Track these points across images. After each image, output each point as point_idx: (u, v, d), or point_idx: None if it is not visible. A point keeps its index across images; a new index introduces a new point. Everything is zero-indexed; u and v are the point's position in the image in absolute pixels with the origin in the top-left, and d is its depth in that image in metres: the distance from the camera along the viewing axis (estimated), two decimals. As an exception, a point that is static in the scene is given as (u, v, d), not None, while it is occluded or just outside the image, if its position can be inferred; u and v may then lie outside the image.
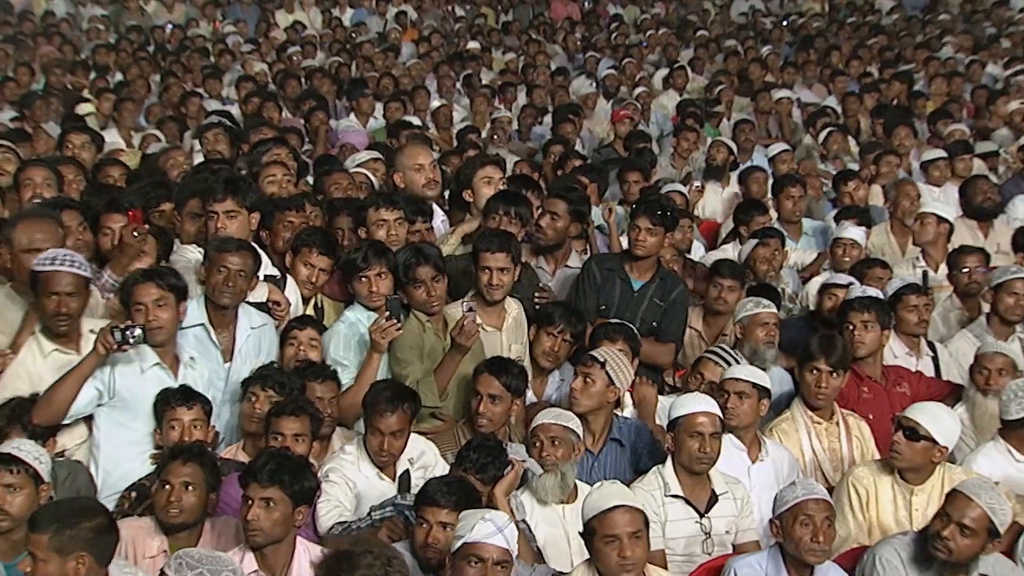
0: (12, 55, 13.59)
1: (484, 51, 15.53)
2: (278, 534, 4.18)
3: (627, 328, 5.81)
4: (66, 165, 6.88)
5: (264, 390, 5.02)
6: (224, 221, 5.56)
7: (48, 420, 4.77)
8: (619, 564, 4.10)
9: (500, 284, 5.62)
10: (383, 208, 6.02)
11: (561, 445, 4.82)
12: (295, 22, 16.56)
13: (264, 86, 12.70)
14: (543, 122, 11.88)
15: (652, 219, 6.14)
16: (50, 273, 4.87)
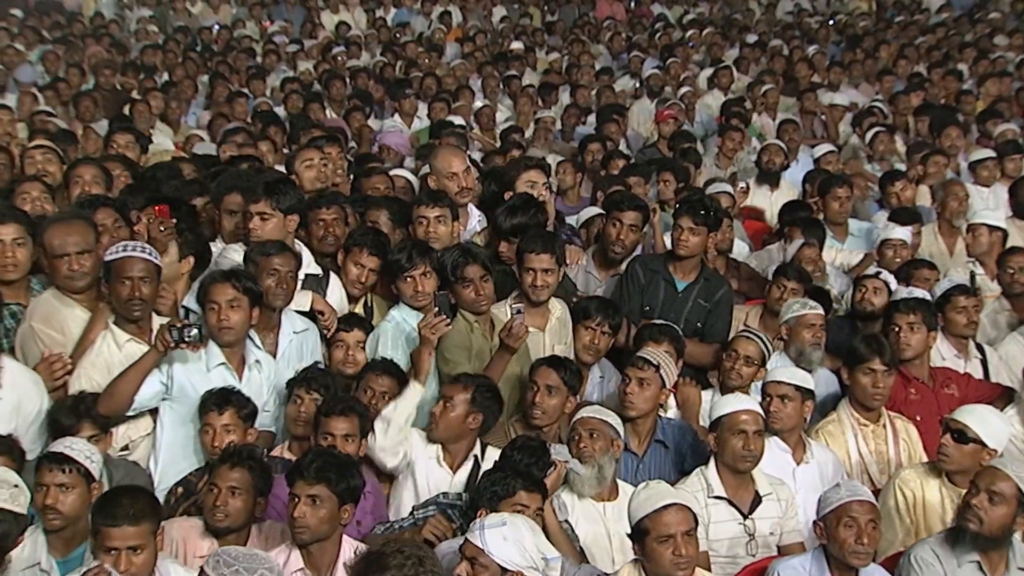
0: (63, 56, 13.76)
1: (528, 51, 15.53)
2: (324, 532, 4.20)
3: (672, 329, 5.80)
4: (113, 163, 6.95)
5: (309, 392, 5.05)
6: (257, 222, 5.60)
7: (112, 411, 4.83)
8: (673, 563, 4.12)
9: (545, 285, 5.62)
10: (425, 205, 6.03)
11: (599, 438, 4.83)
12: (340, 22, 16.67)
13: (309, 86, 12.77)
14: (587, 122, 11.86)
15: (695, 219, 6.12)
16: (122, 259, 4.95)
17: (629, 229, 6.49)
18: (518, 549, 3.86)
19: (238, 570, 3.66)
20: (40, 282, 5.39)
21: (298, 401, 5.06)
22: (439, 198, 6.11)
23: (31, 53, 14.05)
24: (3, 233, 5.18)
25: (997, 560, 4.43)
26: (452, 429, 4.96)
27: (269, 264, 5.23)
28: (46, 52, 13.98)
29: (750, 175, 9.63)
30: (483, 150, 9.93)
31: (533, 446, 4.75)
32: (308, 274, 5.71)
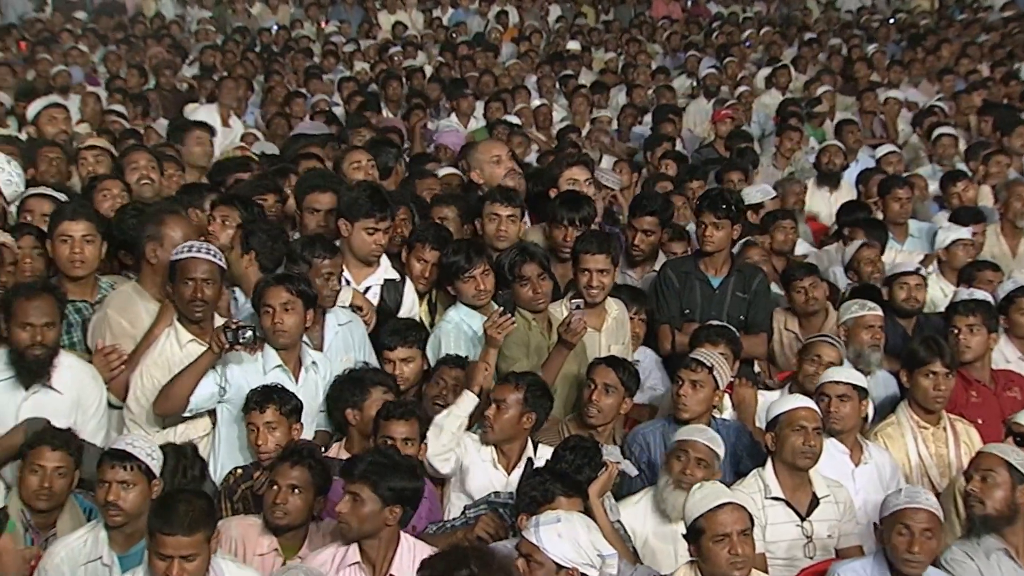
0: (124, 57, 13.96)
1: (584, 51, 15.52)
2: (366, 530, 4.21)
3: (729, 331, 5.79)
4: (168, 161, 7.05)
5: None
6: (381, 237, 5.61)
7: (167, 412, 4.90)
8: (730, 563, 4.10)
9: (601, 286, 5.63)
10: (499, 202, 6.03)
11: (704, 468, 4.74)
12: (397, 22, 16.77)
13: (366, 86, 12.86)
14: (643, 122, 11.83)
15: (716, 213, 6.13)
16: (187, 260, 5.00)
17: (644, 234, 6.55)
18: (573, 546, 3.87)
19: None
20: (109, 282, 5.48)
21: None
22: (512, 197, 6.12)
23: (94, 54, 14.27)
24: (73, 230, 5.27)
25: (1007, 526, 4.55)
26: (506, 431, 4.97)
27: (322, 267, 5.26)
28: (108, 53, 14.21)
29: (808, 175, 9.56)
30: (539, 150, 9.93)
31: (586, 446, 4.74)
32: (386, 279, 5.74)
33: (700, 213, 6.21)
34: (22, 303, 4.79)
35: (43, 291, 4.88)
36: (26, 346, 4.79)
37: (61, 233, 5.26)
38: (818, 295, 6.40)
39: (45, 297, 4.84)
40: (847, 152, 9.84)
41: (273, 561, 4.40)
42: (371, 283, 5.73)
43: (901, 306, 6.49)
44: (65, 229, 5.26)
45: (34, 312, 4.78)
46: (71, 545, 4.34)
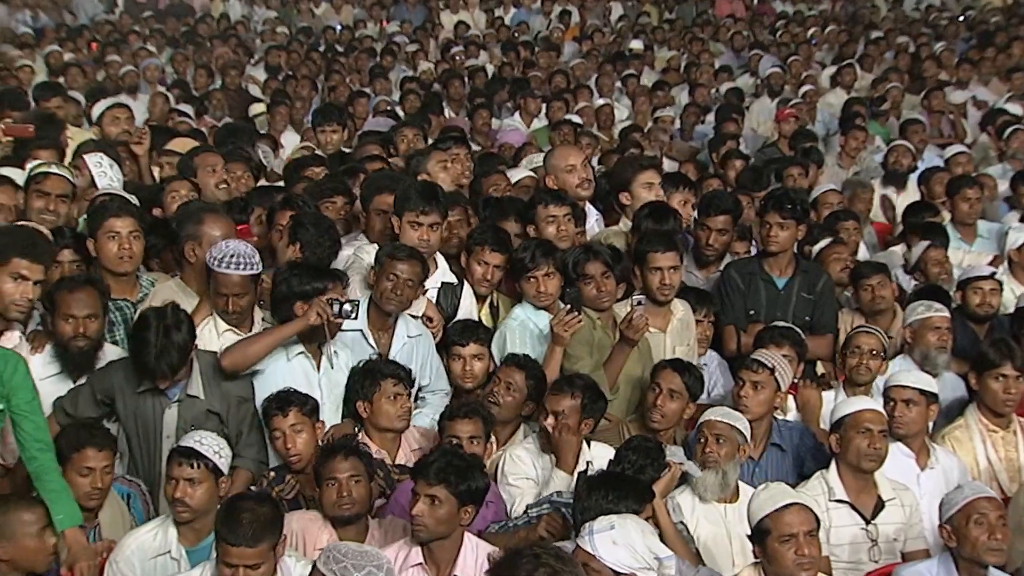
0: (191, 57, 14.15)
1: (646, 50, 15.48)
2: (442, 531, 4.23)
3: (794, 332, 5.76)
4: (235, 162, 7.15)
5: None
6: (427, 233, 5.60)
7: (237, 367, 4.96)
8: (796, 563, 4.08)
9: (671, 284, 5.63)
10: (552, 204, 6.03)
11: (725, 443, 4.79)
12: (459, 22, 16.82)
13: (429, 86, 12.92)
14: (705, 121, 11.78)
15: (782, 213, 6.10)
16: (224, 275, 5.08)
17: (718, 233, 6.47)
18: (629, 551, 3.85)
19: (347, 566, 3.69)
20: (150, 280, 5.56)
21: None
22: (563, 197, 6.11)
23: (161, 55, 14.49)
24: (120, 226, 5.35)
25: None
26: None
27: (391, 268, 5.27)
28: (175, 53, 14.41)
29: (874, 175, 9.46)
30: (602, 149, 9.93)
31: (648, 447, 4.73)
32: (444, 282, 5.75)
33: (765, 213, 6.18)
34: (64, 296, 4.89)
35: (85, 283, 4.98)
36: (69, 338, 4.89)
37: (108, 230, 5.34)
38: (886, 294, 6.34)
39: (87, 289, 4.94)
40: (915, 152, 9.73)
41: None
42: (428, 286, 5.73)
43: (975, 311, 6.41)
44: (112, 225, 5.34)
45: (76, 304, 4.88)
46: (141, 538, 4.42)
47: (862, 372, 5.64)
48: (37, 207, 5.66)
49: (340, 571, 3.69)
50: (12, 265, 4.69)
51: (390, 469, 4.95)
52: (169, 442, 4.84)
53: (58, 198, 5.70)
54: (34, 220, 5.57)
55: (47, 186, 5.71)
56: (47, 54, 13.41)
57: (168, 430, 4.89)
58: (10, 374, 4.48)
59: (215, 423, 4.92)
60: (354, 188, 6.55)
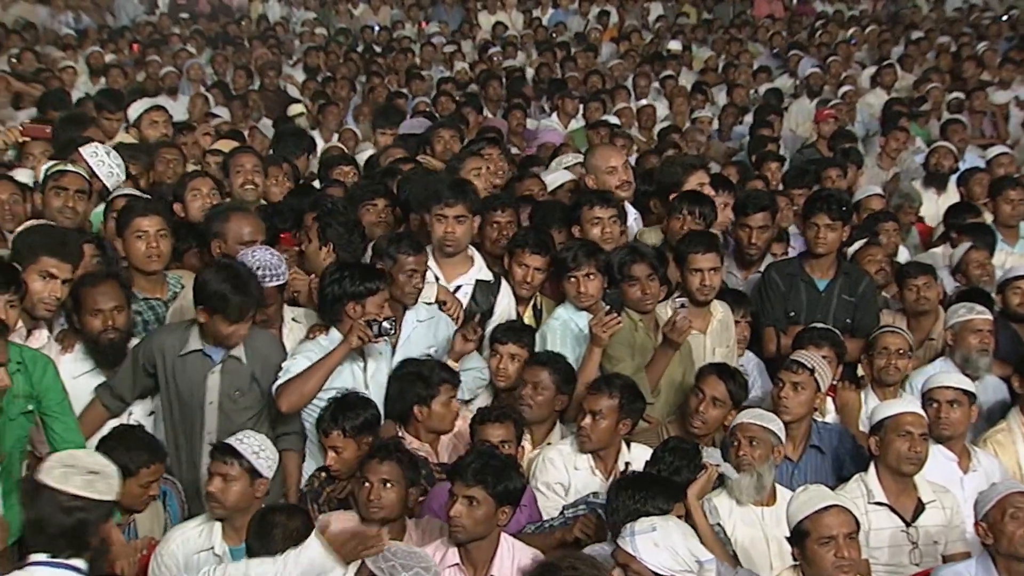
0: (230, 58, 14.25)
1: (685, 50, 15.44)
2: (479, 532, 4.23)
3: (833, 334, 5.72)
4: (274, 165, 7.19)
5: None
6: (453, 225, 5.62)
7: (295, 409, 4.95)
8: (836, 566, 4.05)
9: (711, 285, 5.61)
10: (598, 206, 6.01)
11: (759, 446, 4.77)
12: (497, 23, 16.84)
13: (465, 86, 12.94)
14: (743, 121, 11.73)
15: (830, 215, 6.07)
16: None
17: (759, 231, 6.46)
18: (670, 554, 3.84)
19: (395, 565, 3.74)
20: (176, 277, 5.58)
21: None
22: (609, 198, 6.10)
23: (200, 56, 14.61)
24: (147, 225, 5.37)
25: None
26: (604, 439, 4.97)
27: (407, 263, 5.29)
28: (215, 54, 14.52)
29: (914, 176, 9.38)
30: (639, 150, 9.91)
31: (685, 448, 4.73)
32: (479, 280, 5.75)
33: (812, 214, 6.14)
34: (88, 291, 4.92)
35: (107, 277, 5.02)
36: (99, 331, 4.92)
37: (135, 229, 5.37)
38: (931, 295, 6.29)
39: (109, 282, 4.98)
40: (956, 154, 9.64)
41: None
42: (462, 282, 5.74)
43: (1016, 311, 6.35)
44: (139, 225, 5.37)
45: (101, 298, 4.91)
46: (187, 534, 4.46)
47: (891, 372, 5.62)
48: (56, 205, 5.69)
49: (388, 569, 3.72)
50: (41, 263, 4.76)
51: (433, 468, 4.95)
52: (212, 408, 4.91)
53: (76, 194, 5.73)
54: (54, 218, 5.62)
55: (64, 183, 5.75)
56: (89, 55, 13.57)
57: (211, 395, 4.91)
58: (40, 375, 4.54)
59: (256, 393, 4.95)
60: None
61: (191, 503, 4.94)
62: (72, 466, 3.36)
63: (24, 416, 4.52)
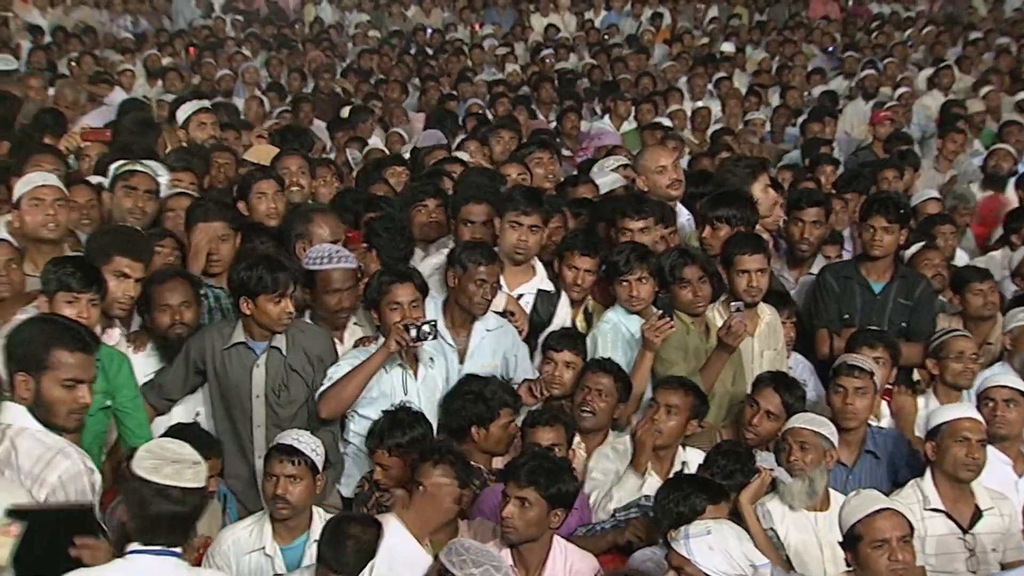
0: (285, 61, 14.37)
1: (738, 52, 15.36)
2: (532, 533, 4.24)
3: (887, 335, 5.67)
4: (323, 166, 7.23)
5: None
6: (527, 234, 5.62)
7: (335, 415, 4.99)
8: (890, 569, 4.01)
9: (759, 286, 5.56)
10: (629, 218, 5.94)
11: (810, 451, 4.73)
12: (549, 25, 16.83)
13: (517, 88, 12.95)
14: (796, 123, 11.66)
15: (888, 217, 6.01)
16: (327, 272, 5.15)
17: (812, 226, 6.42)
18: (725, 557, 3.82)
19: (466, 560, 3.75)
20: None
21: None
22: (642, 209, 6.00)
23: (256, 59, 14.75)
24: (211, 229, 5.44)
25: None
26: (674, 437, 4.97)
27: (476, 272, 5.27)
28: (270, 57, 14.65)
29: (972, 179, 9.27)
30: (691, 152, 9.86)
31: (739, 452, 4.71)
32: (540, 289, 5.74)
33: (869, 216, 6.08)
34: (157, 288, 5.00)
35: (175, 275, 5.09)
36: (168, 327, 4.99)
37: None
38: (995, 300, 6.21)
39: (178, 279, 5.06)
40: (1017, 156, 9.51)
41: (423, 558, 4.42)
42: (524, 291, 5.73)
43: None
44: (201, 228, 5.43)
45: (169, 294, 4.99)
46: (238, 534, 4.51)
47: (967, 376, 5.53)
48: (126, 206, 5.75)
49: (460, 564, 3.74)
50: (114, 263, 4.81)
51: (487, 478, 4.94)
52: (259, 401, 4.95)
53: (145, 194, 5.79)
54: (123, 218, 5.69)
55: (134, 183, 5.81)
56: (146, 58, 13.73)
57: (257, 389, 4.95)
58: (115, 372, 4.62)
59: (298, 384, 4.96)
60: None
61: (244, 498, 4.99)
62: (157, 455, 3.41)
63: (103, 412, 4.58)
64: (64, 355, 3.76)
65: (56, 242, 5.21)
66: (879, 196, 6.46)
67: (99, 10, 16.57)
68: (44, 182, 5.24)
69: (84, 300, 4.46)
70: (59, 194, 5.25)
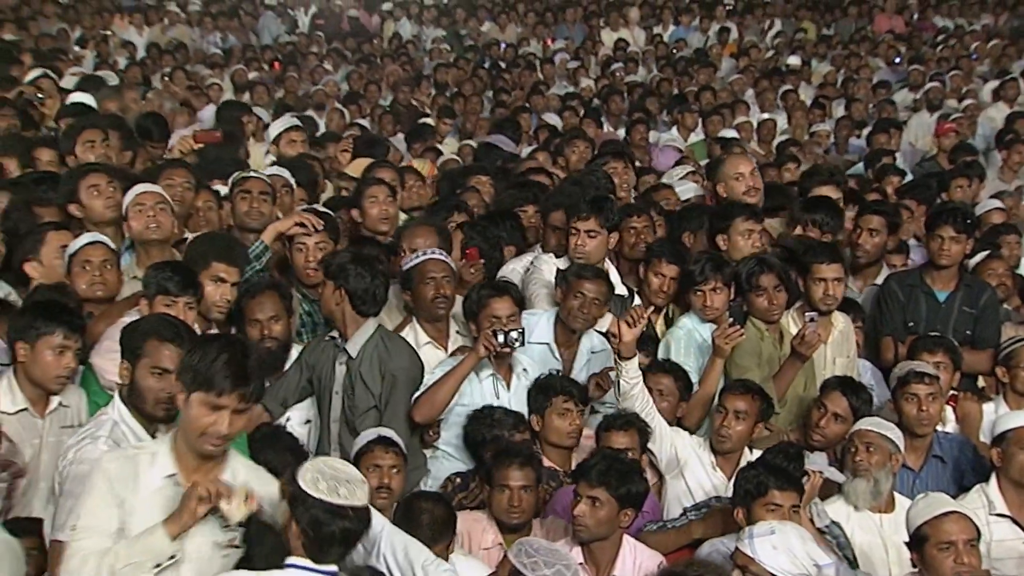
0: (364, 75, 14.52)
1: (803, 65, 15.22)
2: (602, 532, 4.24)
3: (947, 340, 5.62)
4: (409, 173, 7.30)
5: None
6: (585, 239, 5.63)
7: (430, 419, 5.00)
8: (955, 572, 3.98)
9: (835, 295, 5.53)
10: (751, 219, 5.95)
11: (876, 452, 4.70)
12: (619, 39, 16.80)
13: (589, 101, 12.95)
14: (861, 135, 11.53)
15: (956, 227, 5.95)
16: (424, 262, 5.23)
17: (869, 234, 6.37)
18: (788, 557, 3.80)
19: (537, 562, 3.76)
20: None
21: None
22: (758, 212, 6.06)
23: (337, 73, 14.91)
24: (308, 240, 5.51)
25: None
26: (741, 441, 4.96)
27: (578, 286, 5.27)
28: (350, 71, 14.81)
29: (1037, 189, 9.10)
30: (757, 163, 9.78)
31: (790, 452, 4.66)
32: (615, 294, 5.70)
33: (936, 226, 6.01)
34: (248, 302, 5.05)
35: (266, 288, 5.14)
36: (257, 341, 5.01)
37: (298, 243, 5.50)
38: None
39: (268, 294, 5.09)
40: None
41: (498, 555, 4.45)
42: None
43: None
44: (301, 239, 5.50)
45: (259, 309, 5.03)
46: None
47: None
48: (243, 209, 5.87)
49: (531, 565, 3.75)
50: (212, 268, 4.89)
51: (562, 480, 4.93)
52: (338, 397, 5.00)
53: (260, 196, 5.89)
54: (242, 222, 5.83)
55: (248, 187, 5.92)
56: (233, 72, 13.95)
57: (337, 385, 5.01)
58: None
59: (363, 390, 4.95)
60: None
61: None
62: (329, 475, 3.38)
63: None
64: (155, 345, 3.86)
65: (163, 246, 5.30)
66: (947, 206, 6.39)
67: (191, 27, 16.87)
68: (145, 189, 5.35)
69: (181, 303, 4.55)
70: (160, 199, 5.34)
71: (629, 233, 6.01)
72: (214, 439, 3.45)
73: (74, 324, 4.42)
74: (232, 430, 3.46)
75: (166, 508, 3.44)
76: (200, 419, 3.44)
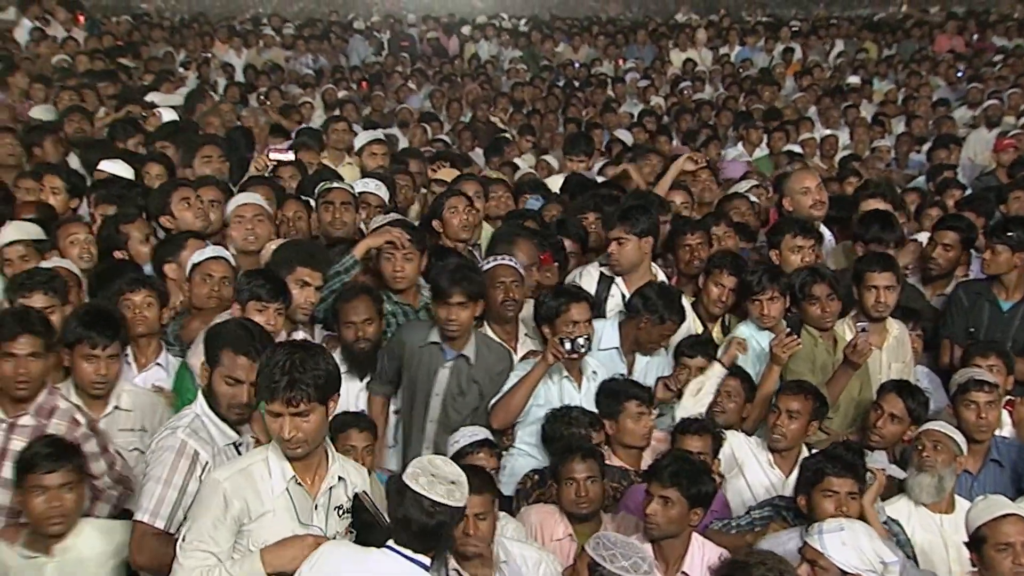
0: (446, 93, 14.65)
1: (864, 84, 15.03)
2: (672, 530, 4.25)
3: (1000, 345, 5.58)
4: (496, 184, 7.36)
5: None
6: (614, 247, 5.69)
7: (506, 424, 5.07)
8: (1014, 572, 3.94)
9: (887, 303, 5.49)
10: (800, 235, 5.96)
11: (943, 450, 4.66)
12: (687, 59, 16.75)
13: (659, 118, 12.94)
14: (920, 150, 11.37)
15: (1000, 238, 5.97)
16: (494, 268, 5.30)
17: (944, 248, 6.33)
18: (856, 553, 3.79)
19: (615, 554, 3.79)
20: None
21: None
22: (810, 228, 6.05)
23: (419, 92, 15.06)
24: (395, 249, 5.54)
25: None
26: (796, 439, 4.94)
27: (645, 319, 5.31)
28: (432, 90, 14.95)
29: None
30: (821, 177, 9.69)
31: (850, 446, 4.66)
32: (603, 276, 5.77)
33: (989, 238, 6.00)
34: (343, 305, 5.15)
35: (360, 292, 5.22)
36: (351, 341, 5.12)
37: (386, 253, 5.54)
38: None
39: (362, 297, 5.17)
40: None
41: (569, 546, 4.50)
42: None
43: None
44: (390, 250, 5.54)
45: (353, 311, 5.12)
46: None
47: None
48: (327, 219, 6.00)
49: (609, 557, 3.78)
50: (297, 273, 5.00)
51: (633, 479, 4.95)
52: (437, 399, 5.07)
53: (342, 206, 6.01)
54: (327, 231, 5.94)
55: (331, 198, 6.02)
56: (324, 91, 14.14)
57: (439, 388, 5.08)
58: None
59: (475, 395, 5.06)
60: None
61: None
62: (435, 475, 3.49)
63: None
64: (230, 356, 3.90)
65: (258, 254, 5.40)
66: (1005, 219, 6.30)
67: (285, 50, 17.16)
68: (246, 200, 5.47)
69: (272, 309, 4.64)
70: (259, 210, 5.46)
71: (684, 250, 5.99)
72: (287, 444, 3.56)
73: (107, 334, 4.40)
74: (294, 435, 3.53)
75: (291, 509, 3.61)
76: (271, 426, 3.57)
